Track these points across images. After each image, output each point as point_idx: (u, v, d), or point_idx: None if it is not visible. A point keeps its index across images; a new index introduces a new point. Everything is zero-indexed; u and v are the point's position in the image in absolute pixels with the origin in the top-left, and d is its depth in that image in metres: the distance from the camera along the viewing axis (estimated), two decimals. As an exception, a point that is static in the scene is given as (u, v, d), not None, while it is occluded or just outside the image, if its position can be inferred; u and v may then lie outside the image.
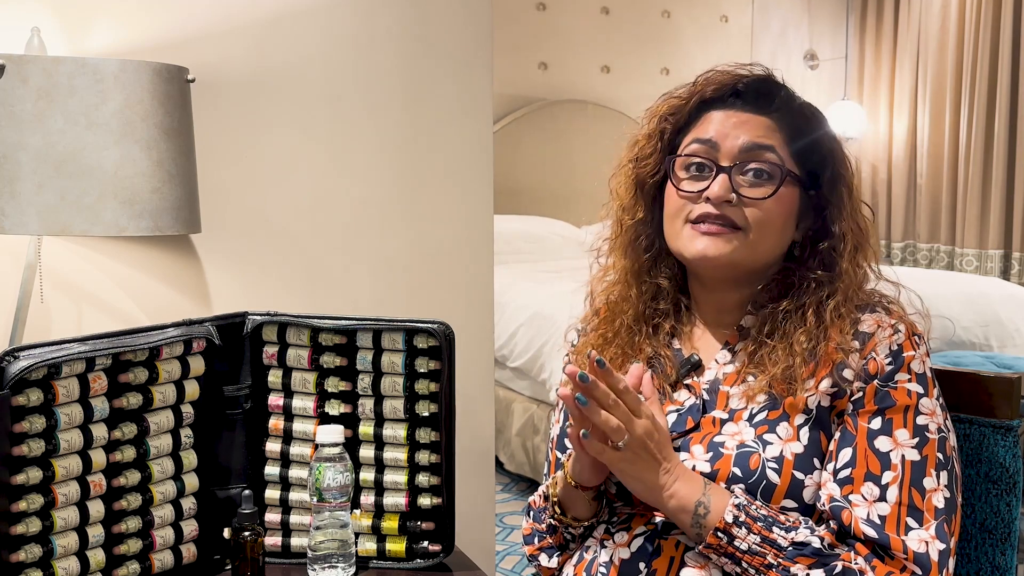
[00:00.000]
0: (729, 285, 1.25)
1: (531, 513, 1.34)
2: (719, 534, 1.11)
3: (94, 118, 1.38)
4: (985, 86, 5.81)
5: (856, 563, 1.10)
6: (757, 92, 1.24)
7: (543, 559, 1.31)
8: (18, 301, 1.52)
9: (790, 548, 1.10)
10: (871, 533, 1.11)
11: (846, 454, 1.15)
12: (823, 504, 1.14)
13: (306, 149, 1.80)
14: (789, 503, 1.14)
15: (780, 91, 1.26)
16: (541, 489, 1.33)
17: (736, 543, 1.10)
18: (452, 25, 1.88)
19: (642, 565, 1.17)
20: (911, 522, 1.12)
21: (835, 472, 1.15)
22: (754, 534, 1.10)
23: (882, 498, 1.13)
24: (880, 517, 1.12)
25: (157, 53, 1.63)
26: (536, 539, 1.32)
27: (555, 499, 1.27)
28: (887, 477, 1.13)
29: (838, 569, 1.10)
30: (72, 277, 1.64)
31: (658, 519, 1.21)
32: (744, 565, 1.11)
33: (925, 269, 5.95)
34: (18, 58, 1.37)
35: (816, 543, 1.11)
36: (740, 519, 1.11)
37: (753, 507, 1.12)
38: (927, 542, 1.11)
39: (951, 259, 6.08)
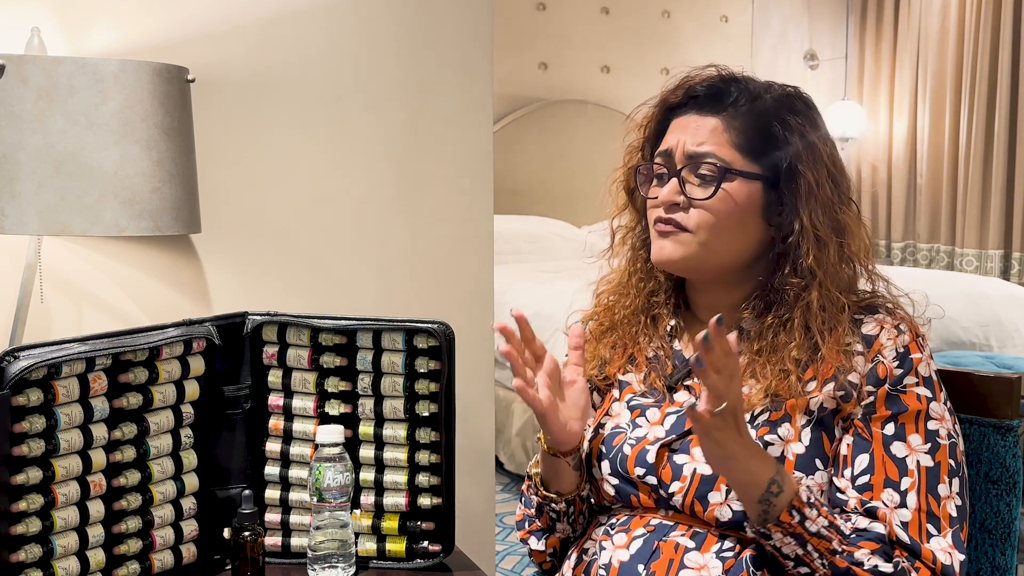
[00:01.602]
0: (713, 286, 1.26)
1: (522, 498, 1.36)
2: (793, 512, 1.09)
3: (94, 118, 1.38)
4: (985, 86, 5.81)
5: (906, 561, 1.11)
6: (709, 95, 1.24)
7: (532, 542, 1.34)
8: (18, 301, 1.52)
9: (852, 535, 1.10)
10: (904, 538, 1.12)
11: (863, 460, 1.15)
12: (853, 509, 1.14)
13: (306, 149, 1.80)
14: None
15: (733, 88, 1.24)
16: (531, 462, 1.34)
17: (807, 524, 1.09)
18: (452, 25, 1.88)
19: (641, 567, 1.17)
20: (931, 529, 1.12)
21: (853, 479, 1.15)
22: (822, 517, 1.10)
23: (903, 504, 1.13)
24: (903, 523, 1.12)
25: (157, 53, 1.63)
26: (527, 523, 1.34)
27: (537, 478, 1.28)
28: (905, 483, 1.13)
29: (900, 565, 1.10)
30: (72, 277, 1.64)
31: (656, 520, 1.21)
32: (809, 548, 1.09)
33: (925, 269, 5.95)
34: (18, 58, 1.37)
35: (880, 528, 1.11)
36: (811, 500, 1.10)
37: (816, 492, 1.12)
38: (949, 552, 1.12)
39: (951, 259, 6.08)
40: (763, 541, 1.12)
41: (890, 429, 1.15)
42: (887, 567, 1.10)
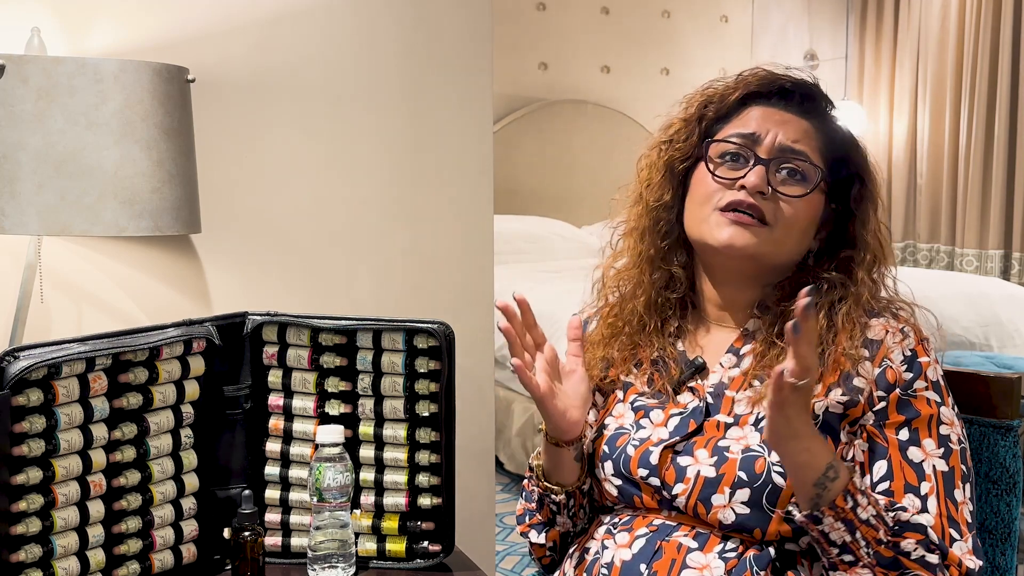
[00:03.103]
0: (741, 281, 1.25)
1: (524, 493, 1.36)
2: (848, 497, 1.07)
3: (94, 118, 1.38)
4: (985, 86, 5.81)
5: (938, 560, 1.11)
6: (803, 95, 1.25)
7: (532, 535, 1.34)
8: (18, 301, 1.52)
9: (896, 527, 1.09)
10: (934, 538, 1.11)
11: (881, 467, 1.14)
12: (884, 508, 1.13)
13: (306, 149, 1.80)
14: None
15: (823, 100, 1.27)
16: (533, 454, 1.34)
17: (858, 511, 1.08)
18: (452, 25, 1.88)
19: (643, 567, 1.17)
20: (953, 533, 1.12)
21: (873, 487, 1.14)
22: (871, 506, 1.09)
23: (924, 509, 1.12)
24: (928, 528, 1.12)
25: (157, 53, 1.63)
26: (527, 517, 1.34)
27: (539, 469, 1.28)
28: (924, 488, 1.13)
29: (935, 560, 1.10)
30: (72, 277, 1.64)
31: (658, 520, 1.20)
32: (857, 536, 1.08)
33: (925, 269, 5.95)
34: (18, 58, 1.37)
35: (921, 519, 1.10)
36: (863, 488, 1.09)
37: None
38: (971, 558, 1.12)
39: (951, 259, 6.08)
40: (811, 525, 1.09)
41: (904, 434, 1.15)
42: (933, 558, 1.09)
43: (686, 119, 1.28)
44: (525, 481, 1.35)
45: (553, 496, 1.27)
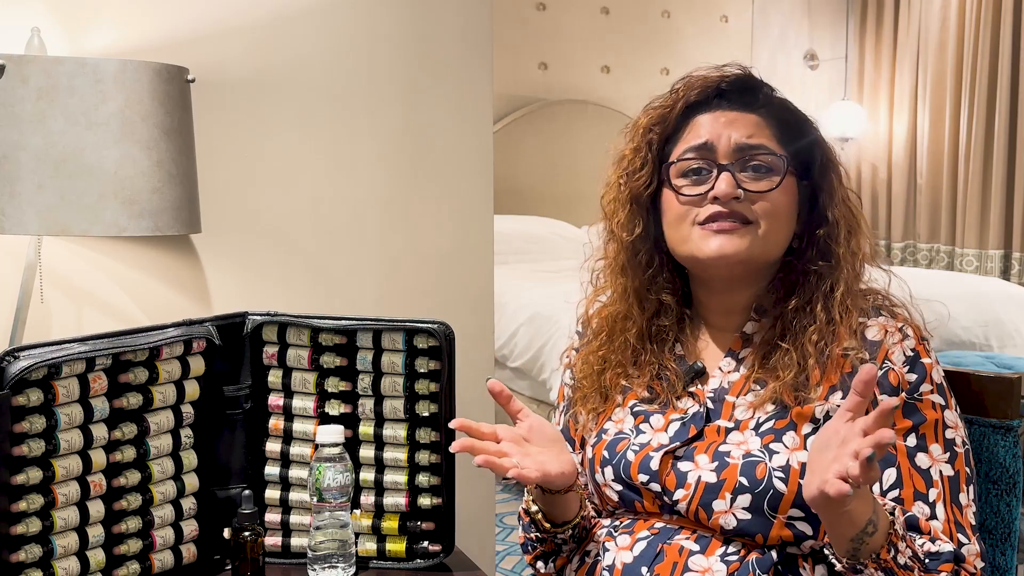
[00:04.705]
0: (736, 285, 1.24)
1: (521, 524, 1.33)
2: (891, 548, 1.05)
3: (94, 118, 1.38)
4: (985, 86, 5.81)
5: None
6: (741, 90, 1.24)
7: (540, 566, 1.31)
8: (18, 301, 1.52)
9: (928, 560, 1.09)
10: (949, 548, 1.11)
11: (890, 475, 1.14)
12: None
13: (306, 149, 1.80)
14: (796, 512, 1.13)
15: (761, 87, 1.26)
16: (525, 497, 1.32)
17: (898, 558, 1.06)
18: (452, 25, 1.88)
19: (644, 570, 1.16)
20: (961, 537, 1.12)
21: (883, 493, 1.14)
22: (908, 548, 1.07)
23: (933, 516, 1.12)
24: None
25: (157, 53, 1.63)
26: (530, 547, 1.32)
27: (536, 514, 1.25)
28: (932, 494, 1.13)
29: None
30: (72, 277, 1.64)
31: (660, 524, 1.20)
32: None
33: (925, 269, 5.95)
34: (18, 58, 1.37)
35: (948, 547, 1.09)
36: (903, 534, 1.07)
37: (902, 523, 1.09)
38: (978, 560, 1.11)
39: (951, 259, 6.08)
40: (850, 574, 1.08)
41: (912, 441, 1.14)
42: None
43: (635, 147, 1.27)
44: (520, 510, 1.32)
45: (560, 535, 1.26)
